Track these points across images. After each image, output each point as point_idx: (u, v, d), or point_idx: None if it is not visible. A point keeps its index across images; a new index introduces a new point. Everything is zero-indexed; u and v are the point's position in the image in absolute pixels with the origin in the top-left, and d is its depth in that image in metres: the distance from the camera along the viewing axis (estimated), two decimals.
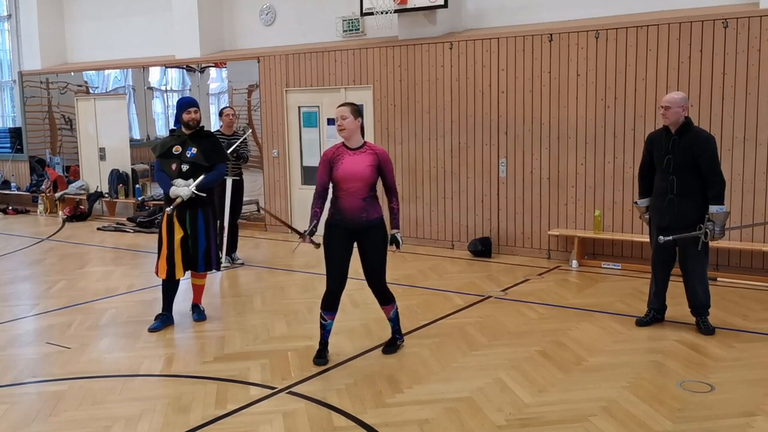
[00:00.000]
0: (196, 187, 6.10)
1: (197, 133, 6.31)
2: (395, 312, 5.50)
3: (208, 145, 6.31)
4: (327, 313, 5.33)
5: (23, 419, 4.45)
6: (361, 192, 5.11)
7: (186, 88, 12.18)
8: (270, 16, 11.32)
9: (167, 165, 6.19)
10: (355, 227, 5.14)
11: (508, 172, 9.02)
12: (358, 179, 5.08)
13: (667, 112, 5.72)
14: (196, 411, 4.51)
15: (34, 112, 14.40)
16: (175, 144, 6.24)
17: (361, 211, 5.11)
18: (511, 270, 8.33)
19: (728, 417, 4.27)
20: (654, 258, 6.01)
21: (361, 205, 5.10)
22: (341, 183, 5.11)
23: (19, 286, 8.17)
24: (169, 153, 6.21)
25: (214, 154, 6.32)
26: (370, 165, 5.10)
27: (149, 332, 6.14)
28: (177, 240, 6.10)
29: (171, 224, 6.11)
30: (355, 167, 5.08)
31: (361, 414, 4.41)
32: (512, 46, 8.82)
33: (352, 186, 5.09)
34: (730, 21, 7.50)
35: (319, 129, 10.69)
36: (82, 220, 12.92)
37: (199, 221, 6.20)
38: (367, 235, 5.17)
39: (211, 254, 6.30)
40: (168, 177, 6.15)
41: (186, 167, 6.15)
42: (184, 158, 6.17)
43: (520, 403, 4.53)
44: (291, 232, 5.32)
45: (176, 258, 6.11)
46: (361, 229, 5.15)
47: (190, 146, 6.21)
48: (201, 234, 6.21)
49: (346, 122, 5.09)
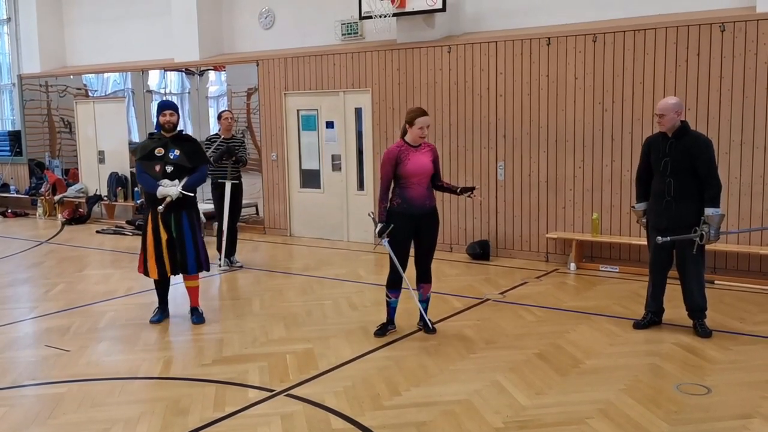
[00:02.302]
0: (183, 187, 6.16)
1: (177, 136, 6.36)
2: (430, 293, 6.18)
3: (189, 148, 6.37)
4: (392, 292, 6.01)
5: (22, 422, 4.45)
6: (426, 182, 5.89)
7: (185, 91, 12.20)
8: (269, 19, 11.34)
9: (150, 167, 6.23)
10: (420, 213, 5.84)
11: (506, 175, 9.04)
12: (425, 173, 5.84)
13: (662, 119, 5.75)
14: (194, 413, 4.52)
15: (33, 116, 14.42)
16: (156, 146, 6.28)
17: (425, 198, 5.87)
18: (509, 273, 8.35)
19: (725, 419, 4.28)
20: (651, 261, 6.03)
21: (426, 193, 5.88)
22: (411, 177, 5.80)
23: (18, 289, 8.18)
24: (152, 155, 6.26)
25: (196, 156, 6.39)
26: (432, 160, 5.91)
27: (151, 323, 6.38)
28: (163, 241, 6.20)
29: (156, 226, 6.20)
30: (422, 162, 5.83)
31: (359, 416, 4.42)
32: (510, 50, 8.85)
33: (420, 179, 5.82)
34: (727, 25, 7.52)
35: (317, 132, 10.71)
36: (81, 223, 12.94)
37: (184, 224, 6.27)
38: (428, 219, 5.91)
39: (201, 256, 6.39)
40: (153, 178, 6.19)
41: (170, 169, 6.20)
42: (167, 160, 6.21)
43: (518, 405, 4.55)
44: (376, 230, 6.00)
45: (165, 258, 6.24)
46: (424, 215, 5.86)
47: (173, 148, 6.26)
48: (188, 237, 6.29)
49: (428, 130, 5.95)
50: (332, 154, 10.61)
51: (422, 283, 6.06)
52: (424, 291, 6.09)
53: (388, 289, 6.00)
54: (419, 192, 5.81)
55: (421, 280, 6.04)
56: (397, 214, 5.81)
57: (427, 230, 5.90)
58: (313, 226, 10.86)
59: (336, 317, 6.65)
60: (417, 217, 5.81)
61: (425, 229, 5.89)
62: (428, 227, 5.91)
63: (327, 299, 7.26)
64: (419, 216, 5.82)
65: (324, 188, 10.74)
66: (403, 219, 5.80)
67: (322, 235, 10.74)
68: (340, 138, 10.47)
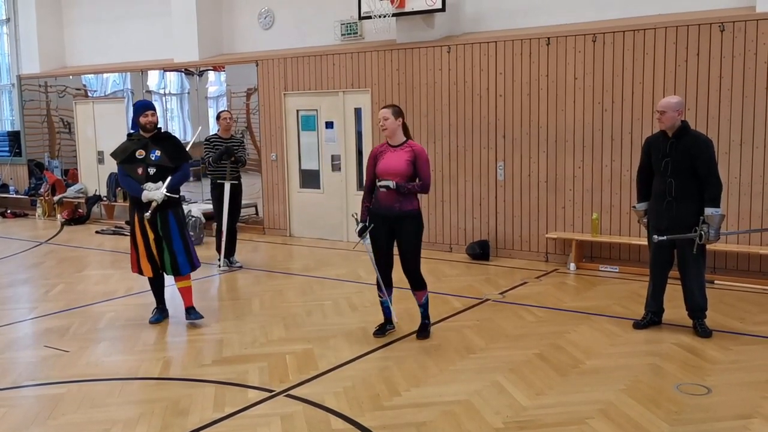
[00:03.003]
0: (167, 189, 6.15)
1: (157, 135, 6.32)
2: (426, 298, 5.94)
3: (170, 147, 6.35)
4: (381, 291, 5.92)
5: (22, 422, 4.45)
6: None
7: (184, 91, 12.20)
8: (268, 19, 11.34)
9: (133, 170, 6.21)
10: (388, 215, 5.67)
11: (506, 175, 9.04)
12: (395, 173, 5.61)
13: (662, 116, 5.74)
14: (194, 414, 4.51)
15: (32, 116, 14.42)
16: (136, 148, 6.25)
17: (395, 201, 5.65)
18: (509, 273, 8.34)
19: (725, 419, 4.28)
20: (652, 261, 6.03)
21: (395, 196, 5.63)
22: (381, 176, 5.66)
23: (18, 289, 8.17)
24: (132, 158, 6.23)
25: (178, 154, 6.36)
26: (408, 160, 5.64)
27: (150, 324, 6.36)
28: (151, 240, 6.23)
29: (143, 227, 6.21)
30: (394, 162, 5.64)
31: (359, 417, 4.42)
32: (510, 50, 8.85)
33: (390, 179, 5.61)
34: (727, 24, 7.52)
35: (317, 132, 10.71)
36: (80, 223, 12.93)
37: (171, 224, 6.27)
38: (401, 224, 5.69)
39: (191, 254, 6.39)
40: (136, 182, 6.18)
41: (153, 170, 6.19)
42: (149, 161, 6.20)
43: (518, 405, 4.54)
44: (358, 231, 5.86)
45: (155, 256, 6.28)
46: (395, 218, 5.67)
47: (153, 149, 6.24)
48: (175, 236, 6.29)
49: (387, 122, 5.72)
50: (332, 154, 10.60)
51: (414, 290, 5.91)
52: (418, 297, 5.92)
53: (378, 289, 5.95)
54: (387, 194, 5.63)
55: (411, 286, 5.89)
56: (371, 214, 5.77)
57: (400, 234, 5.73)
58: (313, 227, 10.85)
59: (336, 318, 6.64)
60: (388, 218, 5.68)
61: (398, 233, 5.73)
62: (401, 232, 5.72)
63: (327, 299, 7.25)
64: (389, 218, 5.67)
65: (323, 188, 10.74)
66: (376, 219, 5.73)
67: (322, 236, 10.74)
68: (340, 138, 10.47)
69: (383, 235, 5.75)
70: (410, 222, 5.70)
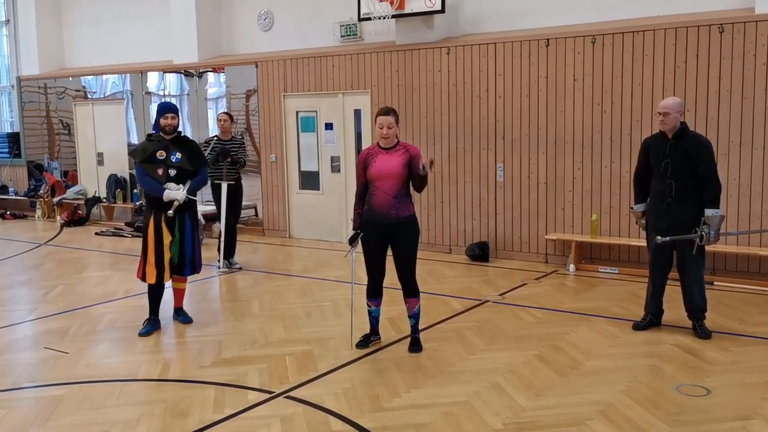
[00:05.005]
0: (188, 191, 6.18)
1: (177, 138, 6.33)
2: (418, 308, 5.70)
3: (189, 150, 6.36)
4: (371, 300, 5.68)
5: (21, 424, 4.45)
6: (393, 190, 5.38)
7: (184, 93, 12.20)
8: (268, 21, 11.35)
9: (153, 170, 6.20)
10: (385, 223, 5.40)
11: (506, 176, 9.04)
12: (390, 176, 5.35)
13: (665, 118, 5.73)
14: (194, 415, 4.51)
15: (32, 117, 14.42)
16: (157, 149, 6.24)
17: (391, 208, 5.38)
18: (509, 274, 8.35)
19: (724, 421, 4.28)
20: (651, 262, 6.03)
21: (392, 202, 5.38)
22: (374, 181, 5.39)
23: (17, 290, 8.17)
24: (153, 158, 6.22)
25: (197, 158, 6.39)
26: (403, 163, 5.37)
27: (140, 336, 6.17)
28: (166, 245, 6.18)
29: (159, 229, 6.17)
30: (388, 165, 5.37)
31: (359, 418, 4.42)
32: (509, 51, 8.85)
33: (384, 183, 5.36)
34: (726, 26, 7.53)
35: (317, 134, 10.71)
36: (80, 224, 12.92)
37: (187, 226, 6.27)
38: (398, 231, 5.42)
39: (196, 258, 6.40)
40: (157, 181, 6.17)
41: (173, 172, 6.19)
42: (170, 163, 6.20)
43: (518, 407, 4.54)
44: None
45: (165, 262, 6.20)
46: (391, 226, 5.40)
47: (174, 151, 6.24)
48: (188, 239, 6.29)
49: (392, 131, 5.40)
50: (331, 155, 10.61)
51: (406, 297, 5.65)
52: (410, 306, 5.65)
53: (367, 297, 5.69)
54: (383, 200, 5.36)
55: (404, 294, 5.65)
56: (364, 222, 5.47)
57: (396, 242, 5.45)
58: (313, 228, 10.85)
59: (335, 319, 6.64)
60: (384, 226, 5.40)
61: (395, 240, 5.44)
62: (398, 239, 5.43)
63: (326, 301, 7.25)
64: (386, 225, 5.40)
65: (323, 190, 10.74)
66: (370, 227, 5.44)
67: (322, 237, 10.74)
68: (339, 139, 10.47)
69: (377, 244, 5.48)
70: (408, 228, 5.47)
